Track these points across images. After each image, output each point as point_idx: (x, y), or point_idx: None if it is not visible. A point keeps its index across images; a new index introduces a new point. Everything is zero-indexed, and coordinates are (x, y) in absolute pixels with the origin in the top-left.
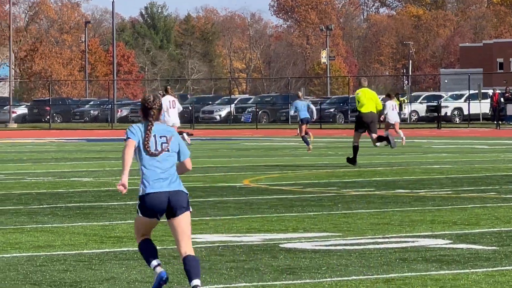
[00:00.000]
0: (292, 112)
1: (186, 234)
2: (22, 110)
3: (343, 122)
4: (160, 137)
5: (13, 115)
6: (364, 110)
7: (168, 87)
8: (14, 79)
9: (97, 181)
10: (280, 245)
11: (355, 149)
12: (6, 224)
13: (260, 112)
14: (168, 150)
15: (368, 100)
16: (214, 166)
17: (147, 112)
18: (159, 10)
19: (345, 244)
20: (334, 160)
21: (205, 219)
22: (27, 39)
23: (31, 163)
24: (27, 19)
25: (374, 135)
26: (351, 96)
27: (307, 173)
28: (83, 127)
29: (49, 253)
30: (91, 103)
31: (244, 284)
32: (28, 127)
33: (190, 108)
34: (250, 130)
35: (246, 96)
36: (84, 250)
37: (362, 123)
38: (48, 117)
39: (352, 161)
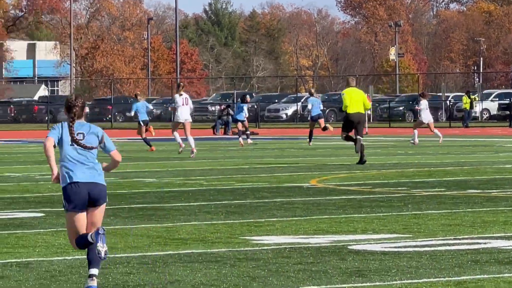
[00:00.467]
0: (309, 107)
1: (96, 225)
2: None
3: (412, 120)
4: (78, 134)
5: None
6: (350, 110)
7: (181, 83)
8: (75, 77)
9: (160, 182)
10: (349, 247)
11: (348, 138)
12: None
13: (327, 111)
14: (84, 146)
15: (354, 100)
16: (281, 166)
17: (70, 110)
18: (224, 6)
19: (415, 246)
20: (403, 160)
21: (271, 220)
22: (88, 36)
23: None
24: (88, 16)
25: (359, 137)
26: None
27: (376, 172)
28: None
29: (111, 256)
30: (154, 101)
31: (312, 286)
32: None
33: (255, 106)
34: (317, 129)
35: None
36: (148, 252)
37: (350, 123)
38: (109, 116)
39: (361, 160)
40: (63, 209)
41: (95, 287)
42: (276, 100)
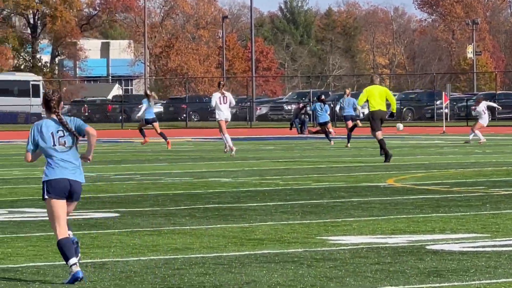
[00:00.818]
0: (337, 109)
1: (66, 218)
2: (157, 108)
3: (490, 119)
4: (58, 131)
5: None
6: (373, 108)
7: (221, 82)
8: (149, 76)
9: (236, 181)
10: (427, 247)
11: (381, 143)
12: (143, 226)
13: (404, 109)
14: (64, 144)
15: (377, 98)
16: (358, 166)
17: (48, 104)
18: (299, 4)
19: (494, 246)
20: (481, 159)
21: (348, 220)
22: (162, 35)
23: (168, 163)
24: (162, 14)
25: (374, 132)
26: (498, 92)
27: (454, 172)
28: None
29: (187, 256)
30: None
31: (390, 287)
32: (164, 126)
33: (331, 105)
34: (394, 128)
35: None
36: (224, 252)
37: (377, 121)
38: (184, 115)
39: (386, 156)
40: (137, 209)
41: (80, 271)
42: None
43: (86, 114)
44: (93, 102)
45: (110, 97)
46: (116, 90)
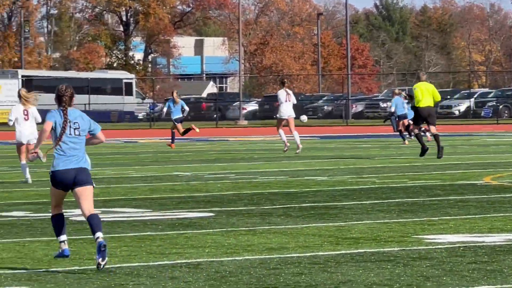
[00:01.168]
0: (392, 109)
1: (87, 201)
2: (252, 106)
3: None
4: (74, 123)
5: (243, 111)
6: (421, 105)
7: (284, 80)
8: (244, 74)
9: (331, 180)
10: None
11: (418, 137)
12: (238, 225)
13: (501, 107)
14: (79, 134)
15: (425, 94)
16: (454, 163)
17: (61, 99)
18: (394, 1)
19: None
20: None
21: (445, 219)
22: (257, 32)
23: (263, 162)
24: (256, 11)
25: (433, 128)
26: None
27: None
28: (316, 124)
29: (282, 256)
30: (325, 98)
31: (487, 286)
32: (259, 124)
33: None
34: (490, 126)
35: (486, 90)
36: (319, 252)
37: (420, 117)
38: None
39: (422, 150)
40: (232, 208)
41: (67, 250)
42: (449, 96)
43: None
44: (187, 100)
45: (204, 95)
46: (211, 88)
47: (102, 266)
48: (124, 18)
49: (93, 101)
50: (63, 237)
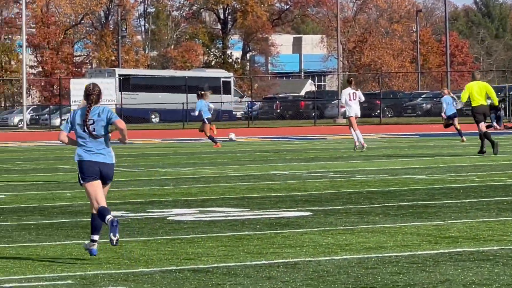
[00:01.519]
0: (444, 106)
1: (105, 195)
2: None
3: None
4: (89, 120)
5: (342, 109)
6: (474, 104)
7: (351, 79)
8: (342, 71)
9: (430, 178)
10: None
11: (486, 135)
12: (336, 224)
13: None
14: (94, 130)
15: (478, 93)
16: None
17: (89, 97)
18: None
19: None
20: None
21: None
22: (355, 29)
23: (361, 160)
24: (355, 9)
25: (483, 125)
26: None
27: None
28: (415, 122)
29: (380, 255)
30: (424, 96)
31: None
32: (359, 122)
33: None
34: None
35: None
36: (418, 251)
37: (478, 116)
38: (378, 111)
39: (493, 146)
40: (330, 207)
41: (95, 250)
42: None
43: (278, 111)
44: (285, 98)
45: (302, 93)
46: (309, 86)
47: (115, 242)
48: (221, 16)
49: (191, 100)
50: (96, 237)
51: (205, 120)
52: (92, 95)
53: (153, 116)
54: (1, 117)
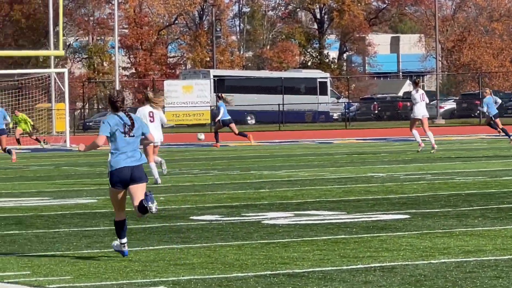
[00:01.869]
0: (485, 109)
1: (141, 194)
2: (450, 104)
3: None
4: (128, 125)
5: (440, 110)
6: None
7: (417, 80)
8: (441, 71)
9: None
10: None
11: None
12: (434, 227)
13: None
14: (133, 136)
15: None
16: None
17: (114, 105)
18: None
19: None
20: None
21: None
22: (454, 28)
23: (460, 162)
24: (454, 7)
25: None
26: None
27: None
28: None
29: (479, 259)
30: None
31: None
32: (457, 123)
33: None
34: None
35: None
36: None
37: None
38: (477, 112)
39: None
40: (428, 210)
41: (127, 251)
42: None
43: (376, 111)
44: (383, 99)
45: (400, 93)
46: (407, 87)
47: (154, 208)
48: (318, 16)
49: (287, 101)
50: (124, 240)
51: (221, 122)
52: (117, 102)
53: (248, 118)
54: (94, 119)
